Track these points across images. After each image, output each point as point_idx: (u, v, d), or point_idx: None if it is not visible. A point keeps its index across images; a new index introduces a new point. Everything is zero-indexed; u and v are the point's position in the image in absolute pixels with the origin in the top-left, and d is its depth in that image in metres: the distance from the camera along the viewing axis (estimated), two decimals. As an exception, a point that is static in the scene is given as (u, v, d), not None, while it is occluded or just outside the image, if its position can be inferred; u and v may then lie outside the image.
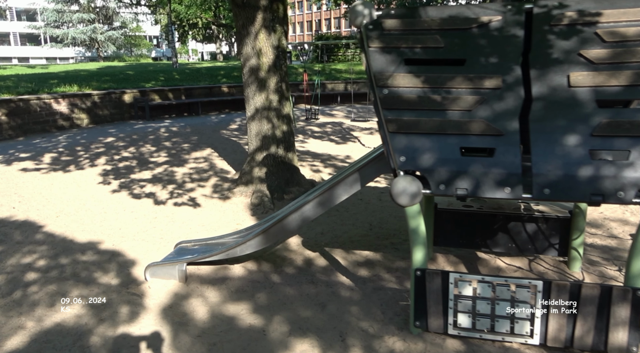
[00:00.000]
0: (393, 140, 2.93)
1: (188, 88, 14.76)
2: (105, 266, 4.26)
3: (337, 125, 12.32)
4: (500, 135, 2.76)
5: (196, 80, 15.89)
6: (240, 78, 16.57)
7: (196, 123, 12.87)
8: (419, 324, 3.05)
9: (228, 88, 15.48)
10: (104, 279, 4.03)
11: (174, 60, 21.57)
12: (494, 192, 2.73)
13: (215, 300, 3.68)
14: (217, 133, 11.30)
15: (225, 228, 5.14)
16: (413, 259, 3.00)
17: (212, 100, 14.74)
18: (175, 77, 16.24)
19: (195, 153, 8.94)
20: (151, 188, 6.63)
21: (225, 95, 15.40)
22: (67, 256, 4.46)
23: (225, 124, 12.65)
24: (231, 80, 16.20)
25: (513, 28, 2.97)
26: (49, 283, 3.93)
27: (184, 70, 17.82)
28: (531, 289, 2.76)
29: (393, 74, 3.03)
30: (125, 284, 3.94)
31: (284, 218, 3.65)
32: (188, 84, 15.18)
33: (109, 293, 3.77)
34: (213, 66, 21.04)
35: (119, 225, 5.26)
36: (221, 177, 7.17)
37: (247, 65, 6.08)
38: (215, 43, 49.37)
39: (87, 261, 4.36)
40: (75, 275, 4.08)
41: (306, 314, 3.45)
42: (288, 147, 6.32)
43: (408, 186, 2.84)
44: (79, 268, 4.21)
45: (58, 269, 4.19)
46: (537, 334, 2.80)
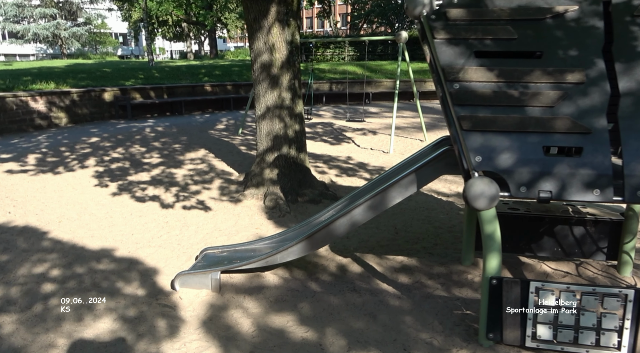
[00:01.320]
0: (468, 138, 2.75)
1: (170, 87, 14.29)
2: (126, 275, 3.94)
3: (328, 125, 12.14)
4: (587, 133, 2.62)
5: (177, 79, 15.41)
6: (222, 77, 16.19)
7: (181, 123, 12.45)
8: (493, 336, 2.86)
9: (211, 87, 15.07)
10: (128, 290, 3.71)
11: (150, 58, 20.92)
12: (582, 194, 2.59)
13: (257, 311, 3.42)
14: (205, 133, 10.94)
15: (244, 233, 4.87)
16: (487, 267, 2.83)
17: (196, 100, 14.32)
18: (155, 75, 15.71)
19: (190, 154, 8.59)
20: (154, 191, 6.28)
21: (209, 94, 14.99)
22: (82, 265, 4.11)
23: (211, 124, 12.29)
24: (213, 79, 15.79)
25: (591, 19, 2.82)
26: (70, 295, 3.59)
27: (163, 69, 17.28)
28: (621, 298, 2.62)
29: (464, 67, 2.85)
30: (153, 295, 3.64)
31: (330, 223, 3.43)
32: (169, 83, 14.71)
33: (139, 305, 3.47)
34: (193, 64, 20.51)
35: (129, 230, 4.92)
36: (224, 178, 6.88)
37: (259, 61, 5.82)
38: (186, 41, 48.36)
39: (105, 270, 4.03)
40: (97, 286, 3.75)
41: (358, 325, 3.24)
42: (300, 147, 6.09)
43: (486, 188, 2.67)
44: (99, 278, 3.88)
45: (76, 279, 3.85)
46: (625, 347, 2.65)
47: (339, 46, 25.43)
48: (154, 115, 13.81)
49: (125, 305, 3.48)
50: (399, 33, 9.33)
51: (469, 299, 3.56)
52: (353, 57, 25.42)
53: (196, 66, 18.89)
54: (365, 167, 7.74)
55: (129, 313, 3.36)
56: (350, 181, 6.86)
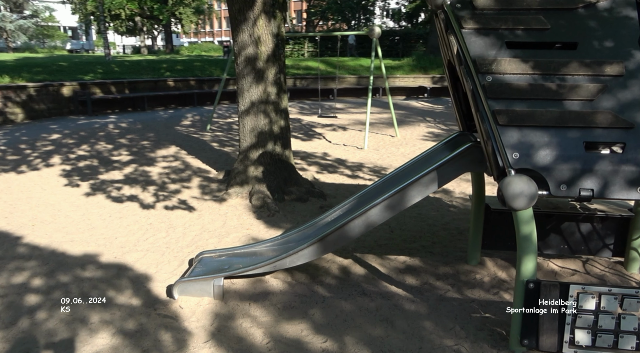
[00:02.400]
0: (504, 134, 2.63)
1: (132, 81, 13.69)
2: (116, 283, 3.65)
3: (296, 121, 11.95)
4: (630, 128, 2.55)
5: (138, 74, 14.78)
6: (185, 72, 15.67)
7: (145, 119, 11.96)
8: (527, 343, 2.73)
9: (174, 82, 14.57)
10: (121, 299, 3.43)
11: (106, 52, 19.96)
12: (625, 193, 2.51)
13: (266, 319, 3.22)
14: (172, 129, 10.55)
15: (235, 234, 4.64)
16: (522, 269, 2.69)
17: (159, 95, 13.80)
18: (114, 70, 15.00)
19: (161, 151, 8.22)
20: (130, 191, 5.93)
21: (172, 89, 14.48)
22: (66, 272, 3.78)
23: (177, 120, 11.86)
24: (176, 74, 15.26)
25: (624, 9, 2.73)
26: (58, 307, 3.27)
27: (122, 63, 16.53)
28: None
29: (496, 58, 2.72)
30: (150, 304, 3.38)
31: (345, 224, 3.27)
32: (130, 77, 14.09)
33: (137, 317, 3.20)
34: (153, 59, 19.75)
35: (112, 233, 4.59)
36: (203, 176, 6.59)
37: (243, 55, 5.57)
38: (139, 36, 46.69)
39: (92, 278, 3.72)
40: (87, 296, 3.44)
41: (377, 333, 3.09)
42: (285, 144, 5.89)
43: (526, 187, 2.55)
44: (87, 287, 3.56)
45: (61, 289, 3.52)
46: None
47: (298, 42, 25.18)
48: (115, 111, 13.20)
49: (122, 317, 3.20)
50: (372, 28, 9.25)
51: (484, 301, 3.48)
52: (312, 53, 25.25)
53: (157, 61, 18.21)
54: (345, 164, 7.62)
55: (127, 326, 3.09)
56: (332, 178, 6.72)
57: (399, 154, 8.41)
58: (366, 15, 33.99)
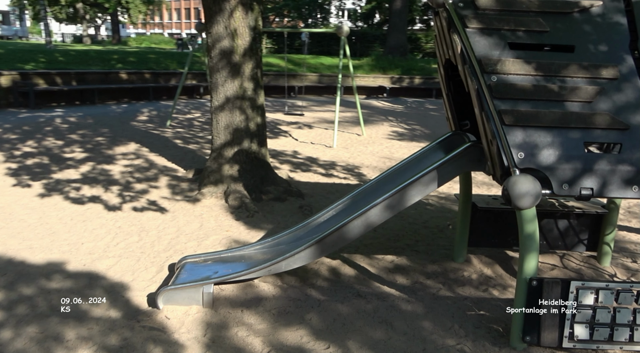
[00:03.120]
0: (510, 134, 2.61)
1: (80, 73, 12.93)
2: (89, 294, 3.32)
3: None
4: (625, 129, 2.60)
5: (86, 64, 14.00)
6: (139, 64, 14.99)
7: (96, 113, 11.32)
8: (530, 339, 2.74)
9: (127, 75, 13.89)
10: (97, 312, 3.11)
11: (47, 40, 18.77)
12: (621, 191, 2.58)
13: (262, 327, 3.01)
14: (127, 125, 10.02)
15: (214, 237, 4.37)
16: (525, 267, 2.68)
17: (110, 88, 13.11)
18: (58, 59, 14.13)
19: (119, 148, 7.75)
20: (91, 191, 5.50)
21: (124, 82, 13.80)
22: (29, 284, 3.40)
23: (131, 115, 11.31)
24: (129, 66, 14.56)
25: (615, 15, 2.82)
26: (25, 324, 2.92)
27: (67, 52, 15.58)
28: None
29: (500, 58, 2.72)
30: (132, 316, 3.08)
31: (344, 225, 3.11)
32: (77, 68, 13.30)
33: (119, 331, 2.90)
34: (102, 49, 18.77)
35: (76, 239, 4.21)
36: (170, 175, 6.23)
37: (218, 47, 5.28)
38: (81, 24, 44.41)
39: (60, 289, 3.36)
40: (55, 310, 3.10)
41: (379, 335, 2.96)
42: (261, 141, 5.65)
43: (532, 187, 2.53)
44: (55, 300, 3.21)
45: (26, 303, 3.15)
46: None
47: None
48: (61, 104, 12.41)
49: (102, 332, 2.89)
50: (340, 26, 9.12)
51: (476, 298, 3.44)
52: (271, 50, 24.92)
53: (106, 51, 17.32)
54: (317, 162, 7.46)
55: (110, 342, 2.79)
56: (307, 177, 6.54)
57: (368, 152, 8.34)
58: (322, 14, 33.95)
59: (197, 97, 15.11)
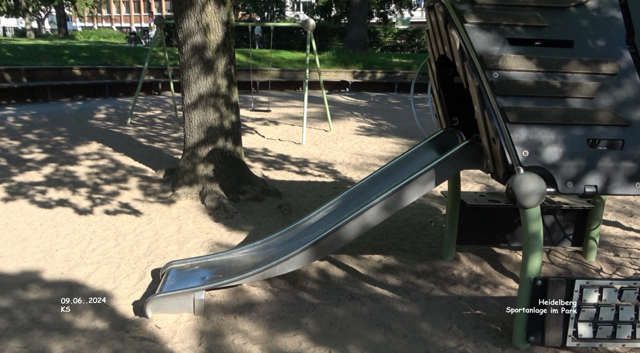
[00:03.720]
0: (514, 131, 2.60)
1: (30, 69, 12.30)
2: (71, 304, 3.14)
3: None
4: (627, 125, 2.62)
5: (36, 60, 13.31)
6: (93, 60, 14.38)
7: (51, 111, 10.80)
8: (534, 339, 2.74)
9: (81, 71, 13.31)
10: (82, 323, 2.95)
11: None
12: (625, 188, 2.59)
13: (258, 333, 2.94)
14: (86, 124, 9.62)
15: (195, 240, 4.24)
16: (529, 267, 2.68)
17: (64, 85, 12.53)
18: (6, 55, 13.37)
19: (81, 148, 7.41)
20: (58, 194, 5.23)
21: (79, 78, 13.22)
22: (5, 295, 3.19)
23: (88, 113, 10.85)
24: (82, 62, 13.95)
25: (610, 9, 2.83)
26: (7, 339, 2.73)
27: (15, 47, 14.75)
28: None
29: (501, 54, 2.68)
30: (120, 326, 2.94)
31: (340, 227, 3.07)
32: (27, 64, 12.63)
33: (109, 343, 2.76)
34: (52, 44, 17.85)
35: (49, 245, 3.98)
36: (140, 176, 6.01)
37: (189, 43, 5.11)
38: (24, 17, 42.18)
39: (39, 300, 3.17)
40: (37, 322, 2.92)
41: (378, 339, 2.94)
42: (236, 140, 5.53)
43: (538, 185, 2.54)
44: (36, 311, 3.03)
45: (4, 316, 2.95)
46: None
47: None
48: (11, 102, 11.76)
49: (91, 344, 2.74)
50: (306, 20, 9.05)
51: (469, 297, 3.47)
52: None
53: (57, 46, 16.50)
54: (289, 160, 7.38)
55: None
56: (282, 175, 6.46)
57: (338, 148, 8.33)
58: (277, 7, 33.60)
59: (155, 94, 14.66)
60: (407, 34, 28.10)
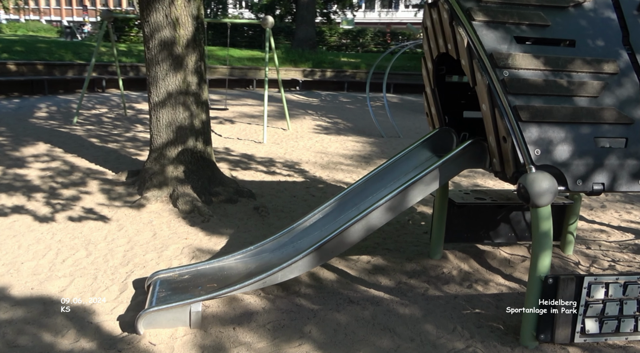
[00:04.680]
0: (526, 130, 2.59)
1: (-42, 63, 11.24)
2: (49, 323, 2.85)
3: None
4: (630, 123, 2.69)
5: (-37, 54, 12.22)
6: (28, 55, 13.40)
7: (-15, 109, 9.92)
8: (544, 337, 2.75)
9: (16, 66, 12.37)
10: (65, 344, 2.68)
11: None
12: (629, 185, 2.66)
13: (262, 345, 2.78)
14: (27, 123, 8.94)
15: (175, 246, 3.99)
16: (539, 266, 2.69)
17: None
18: None
19: (27, 149, 6.86)
20: (11, 200, 4.78)
21: (13, 74, 12.29)
22: (-29, 317, 2.84)
23: (28, 111, 10.09)
24: (16, 56, 12.96)
25: (605, 10, 2.90)
26: (-18, 369, 2.42)
27: (-63, 39, 13.48)
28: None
29: (510, 53, 2.68)
30: (110, 345, 2.69)
31: (344, 230, 2.96)
32: (-47, 58, 11.57)
33: (102, 365, 2.52)
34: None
35: (11, 258, 3.61)
36: (99, 179, 5.61)
37: (157, 38, 4.82)
38: (-59, 8, 38.83)
39: (11, 320, 2.85)
40: (13, 346, 2.61)
41: (387, 344, 2.86)
42: (207, 140, 5.29)
43: (551, 184, 2.54)
44: (11, 334, 2.71)
45: (-25, 341, 2.62)
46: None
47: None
48: (-64, 99, 10.71)
49: (82, 368, 2.49)
50: (265, 17, 8.86)
51: (465, 296, 3.47)
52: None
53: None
54: (254, 159, 7.17)
55: (96, 379, 2.41)
56: (250, 175, 6.26)
57: (301, 147, 8.21)
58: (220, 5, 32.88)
59: (99, 91, 13.87)
60: (352, 34, 28.33)
